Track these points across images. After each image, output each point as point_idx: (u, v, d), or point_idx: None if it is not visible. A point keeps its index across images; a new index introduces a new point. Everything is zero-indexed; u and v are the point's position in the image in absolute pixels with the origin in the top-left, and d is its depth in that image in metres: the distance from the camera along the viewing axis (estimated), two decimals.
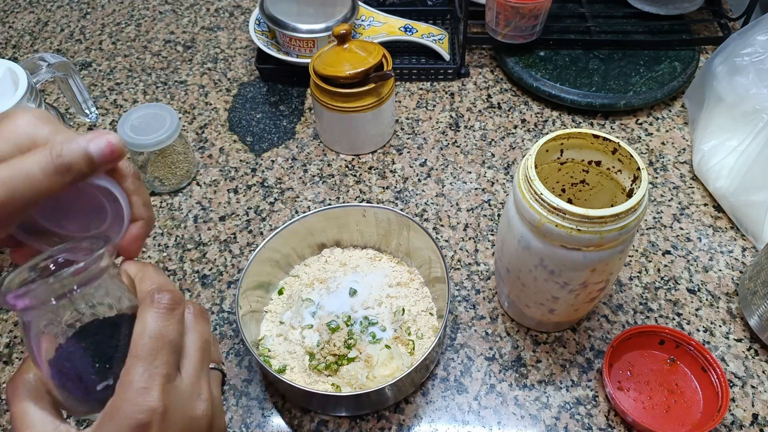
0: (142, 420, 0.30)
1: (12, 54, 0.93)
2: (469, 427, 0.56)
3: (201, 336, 0.35)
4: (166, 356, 0.31)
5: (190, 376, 0.33)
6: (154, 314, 0.32)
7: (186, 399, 0.32)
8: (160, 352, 0.31)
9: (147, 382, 0.30)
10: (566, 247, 0.47)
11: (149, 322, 0.32)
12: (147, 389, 0.30)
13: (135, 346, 0.31)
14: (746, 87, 0.67)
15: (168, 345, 0.32)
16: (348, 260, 0.65)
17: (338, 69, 0.70)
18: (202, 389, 0.34)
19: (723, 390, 0.54)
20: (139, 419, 0.30)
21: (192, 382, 0.33)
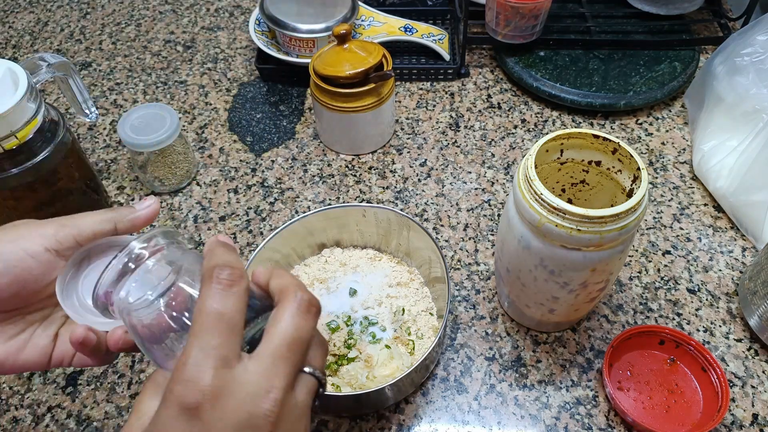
0: (190, 402, 0.28)
1: (12, 54, 0.93)
2: (469, 427, 0.56)
3: (294, 328, 0.31)
4: (223, 336, 0.29)
5: (262, 367, 0.29)
6: (210, 289, 0.30)
7: (248, 391, 0.29)
8: (215, 330, 0.29)
9: (199, 361, 0.28)
10: (566, 247, 0.47)
11: (205, 297, 0.30)
12: (199, 369, 0.28)
13: (193, 323, 0.29)
14: (746, 87, 0.67)
15: (225, 323, 0.29)
16: (348, 260, 0.65)
17: (338, 69, 0.70)
18: (273, 386, 0.29)
19: (723, 390, 0.54)
20: (187, 401, 0.28)
21: (261, 374, 0.29)
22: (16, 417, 0.57)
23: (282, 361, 0.30)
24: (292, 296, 0.32)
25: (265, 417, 0.29)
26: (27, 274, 0.36)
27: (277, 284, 0.33)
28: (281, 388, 0.29)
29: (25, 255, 0.35)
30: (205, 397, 0.28)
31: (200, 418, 0.28)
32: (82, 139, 0.81)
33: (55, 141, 0.60)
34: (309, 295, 0.32)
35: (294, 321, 0.31)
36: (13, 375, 0.60)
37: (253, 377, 0.29)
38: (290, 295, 0.32)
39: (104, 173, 0.77)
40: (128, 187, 0.75)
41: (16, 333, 0.38)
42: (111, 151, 0.79)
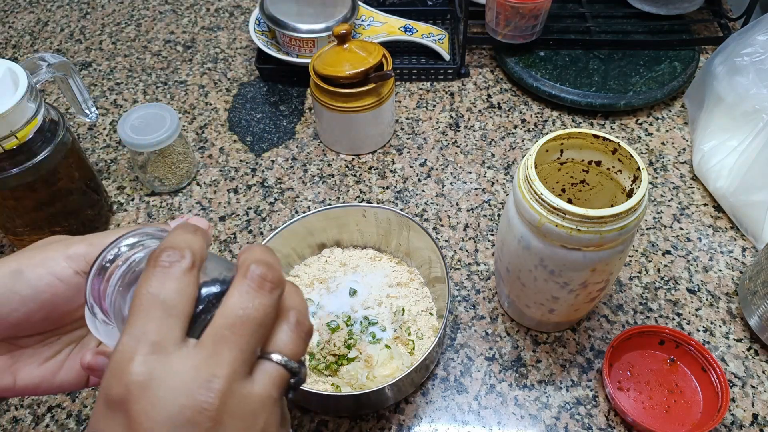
0: (115, 394, 0.25)
1: (12, 54, 0.93)
2: (469, 427, 0.56)
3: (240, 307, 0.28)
4: (156, 320, 0.26)
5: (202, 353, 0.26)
6: (147, 272, 0.27)
7: (183, 380, 0.25)
8: (148, 314, 0.26)
9: (128, 349, 0.25)
10: (566, 247, 0.47)
11: (141, 281, 0.27)
12: (126, 357, 0.25)
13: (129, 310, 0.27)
14: (746, 87, 0.67)
15: (159, 306, 0.26)
16: (348, 260, 0.65)
17: (338, 69, 0.70)
18: (214, 375, 0.26)
19: (723, 390, 0.54)
20: (112, 393, 0.25)
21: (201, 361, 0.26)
22: (16, 417, 0.57)
23: (225, 344, 0.26)
24: (243, 271, 0.28)
25: (202, 411, 0.25)
26: (57, 298, 0.34)
27: (241, 259, 0.29)
28: (224, 376, 0.25)
29: (53, 279, 0.34)
30: (131, 388, 0.24)
31: (126, 411, 0.24)
32: (82, 139, 0.81)
33: (55, 141, 0.60)
34: (265, 268, 0.28)
35: (241, 299, 0.27)
36: None
37: (191, 365, 0.25)
38: (242, 269, 0.28)
39: (104, 173, 0.77)
40: (128, 187, 0.75)
41: (52, 355, 0.37)
42: (111, 151, 0.79)
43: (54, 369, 0.37)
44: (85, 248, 0.34)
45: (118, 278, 0.31)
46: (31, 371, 0.36)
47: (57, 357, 0.37)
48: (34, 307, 0.34)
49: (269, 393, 0.27)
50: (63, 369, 0.37)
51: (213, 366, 0.25)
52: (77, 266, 0.34)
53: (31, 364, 0.36)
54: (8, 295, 0.33)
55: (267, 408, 0.27)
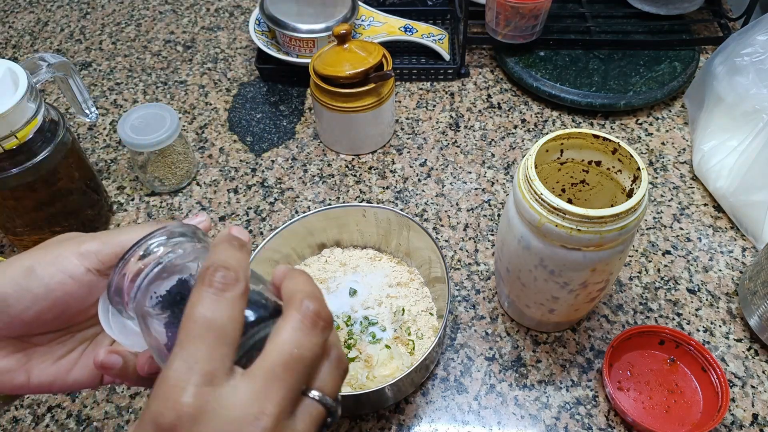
0: (165, 423, 0.25)
1: (12, 54, 0.93)
2: (469, 427, 0.56)
3: (295, 345, 0.27)
4: (210, 347, 0.26)
5: (252, 388, 0.26)
6: (201, 293, 0.27)
7: (233, 415, 0.25)
8: (202, 340, 0.26)
9: (181, 376, 0.25)
10: (566, 247, 0.47)
11: (194, 303, 0.27)
12: (179, 385, 0.25)
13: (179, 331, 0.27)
14: (746, 87, 0.67)
15: (214, 333, 0.26)
16: (348, 260, 0.65)
17: (338, 69, 0.70)
18: (263, 412, 0.26)
19: (723, 390, 0.54)
20: (162, 421, 0.25)
21: (251, 396, 0.26)
22: (16, 417, 0.57)
23: (276, 382, 0.26)
24: (297, 305, 0.28)
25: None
26: (69, 296, 0.34)
27: (288, 288, 0.29)
28: (273, 415, 0.25)
29: (65, 277, 0.33)
30: (183, 419, 0.24)
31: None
32: (82, 139, 0.81)
33: (55, 141, 0.60)
34: (318, 305, 0.28)
35: (295, 336, 0.27)
36: None
37: (241, 399, 0.25)
38: (295, 303, 0.28)
39: (104, 173, 0.77)
40: (128, 187, 0.75)
41: (65, 353, 0.37)
42: (111, 151, 0.79)
43: (68, 367, 0.37)
44: (97, 246, 0.34)
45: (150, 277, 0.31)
46: (44, 369, 0.36)
47: (70, 355, 0.37)
48: (46, 305, 0.34)
49: (309, 431, 0.27)
50: (76, 367, 0.37)
51: (263, 402, 0.26)
52: (89, 264, 0.34)
53: (45, 362, 0.36)
54: (21, 293, 0.33)
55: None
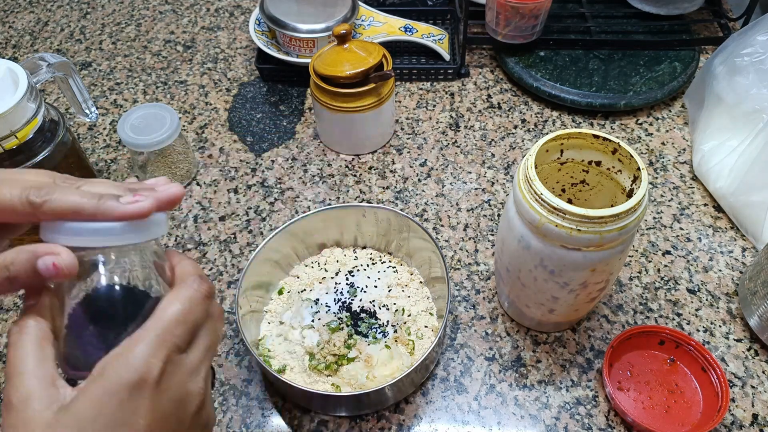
0: (135, 377, 0.30)
1: (12, 54, 0.93)
2: (469, 427, 0.56)
3: (215, 330, 0.36)
4: (183, 332, 0.33)
5: (197, 356, 0.34)
6: (189, 293, 0.34)
7: (185, 374, 0.33)
8: (180, 326, 0.33)
9: (158, 344, 0.31)
10: (566, 247, 0.47)
11: (182, 296, 0.33)
12: (155, 350, 0.31)
13: (162, 314, 0.33)
14: (746, 87, 0.67)
15: (190, 324, 0.33)
16: (348, 260, 0.65)
17: (338, 69, 0.70)
18: (202, 372, 0.34)
19: (723, 390, 0.54)
20: (134, 376, 0.30)
21: (195, 361, 0.34)
22: None
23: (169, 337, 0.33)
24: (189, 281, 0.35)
25: (197, 395, 0.34)
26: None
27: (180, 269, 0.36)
28: (208, 375, 0.35)
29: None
30: (151, 376, 0.31)
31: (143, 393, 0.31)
32: (82, 139, 0.81)
33: (55, 141, 0.60)
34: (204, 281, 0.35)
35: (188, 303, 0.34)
36: None
37: (190, 363, 0.33)
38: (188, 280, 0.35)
39: (104, 173, 0.77)
40: None
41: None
42: (111, 151, 0.79)
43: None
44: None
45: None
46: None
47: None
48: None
49: (210, 387, 0.36)
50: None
51: (199, 367, 0.34)
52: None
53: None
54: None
55: (210, 396, 0.36)
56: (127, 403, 0.30)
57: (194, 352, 0.34)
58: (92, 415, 0.30)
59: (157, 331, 0.32)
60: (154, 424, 0.31)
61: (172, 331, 0.32)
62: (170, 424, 0.32)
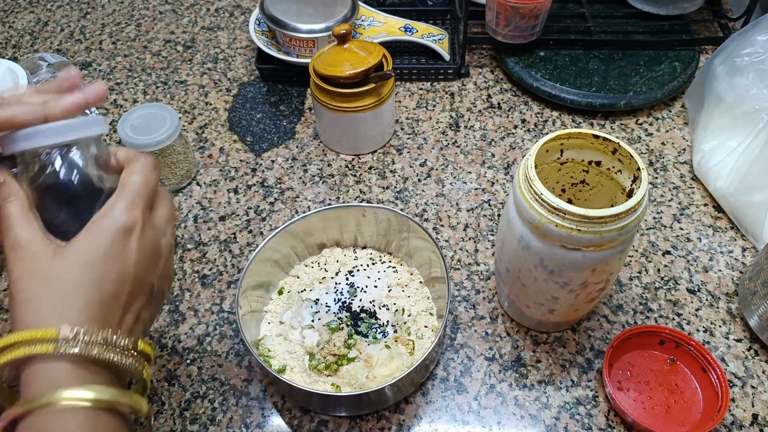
0: (127, 222, 0.38)
1: (12, 54, 0.93)
2: (469, 427, 0.56)
3: (168, 200, 0.43)
4: (147, 194, 0.40)
5: (162, 217, 0.42)
6: (142, 165, 0.40)
7: (157, 230, 0.41)
8: (144, 189, 0.40)
9: (133, 203, 0.39)
10: (566, 247, 0.47)
11: (138, 169, 0.40)
12: (133, 206, 0.39)
13: (126, 182, 0.39)
14: (746, 87, 0.67)
15: (150, 187, 0.40)
16: (348, 260, 0.65)
17: (338, 69, 0.70)
18: (167, 231, 0.42)
19: (723, 390, 0.54)
20: (125, 222, 0.38)
21: (161, 221, 0.41)
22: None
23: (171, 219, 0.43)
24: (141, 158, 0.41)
25: (165, 247, 0.42)
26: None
27: (129, 154, 0.42)
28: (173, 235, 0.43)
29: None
30: (137, 222, 0.38)
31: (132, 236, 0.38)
32: None
33: None
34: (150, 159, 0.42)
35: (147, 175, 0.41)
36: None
37: (158, 222, 0.41)
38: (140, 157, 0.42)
39: None
40: None
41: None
42: None
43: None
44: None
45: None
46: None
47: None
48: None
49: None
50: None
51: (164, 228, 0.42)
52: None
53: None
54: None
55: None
56: (120, 242, 0.38)
57: (159, 214, 0.42)
58: (92, 248, 0.37)
59: (129, 194, 0.39)
60: (140, 261, 0.39)
61: (139, 193, 0.39)
62: (149, 266, 0.40)
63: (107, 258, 0.37)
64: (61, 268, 0.36)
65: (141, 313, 0.40)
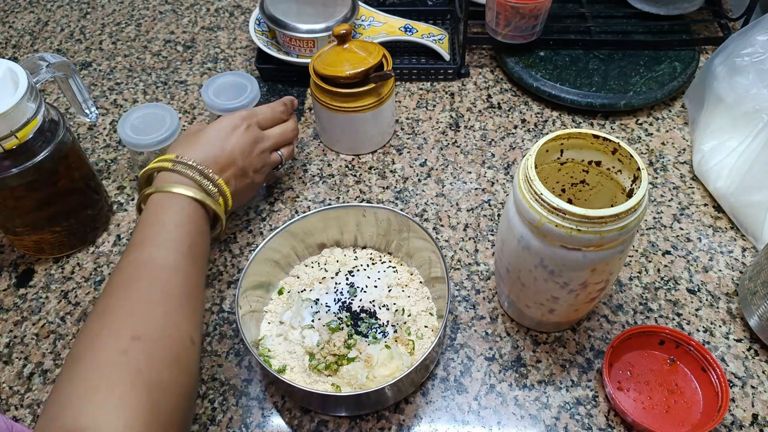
0: (236, 123, 0.62)
1: (12, 54, 0.93)
2: (469, 427, 0.56)
3: (289, 133, 0.70)
4: (263, 118, 0.66)
5: (270, 136, 0.67)
6: (276, 106, 0.68)
7: (259, 137, 0.64)
8: (262, 115, 0.66)
9: (249, 115, 0.65)
10: (566, 247, 0.47)
11: (273, 106, 0.68)
12: (248, 117, 0.64)
13: (260, 106, 0.68)
14: (746, 87, 0.67)
15: (270, 116, 0.67)
16: (348, 260, 0.65)
17: (338, 69, 0.70)
18: (267, 149, 0.66)
19: (723, 390, 0.54)
20: (234, 122, 0.62)
21: (267, 141, 0.66)
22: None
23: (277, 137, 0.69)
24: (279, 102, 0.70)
25: (261, 162, 0.66)
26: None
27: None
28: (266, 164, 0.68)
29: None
30: (248, 118, 0.64)
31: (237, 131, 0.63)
32: (82, 139, 0.81)
33: (55, 141, 0.60)
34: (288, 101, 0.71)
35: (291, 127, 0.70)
36: (12, 375, 0.60)
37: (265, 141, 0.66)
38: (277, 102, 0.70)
39: (104, 173, 0.77)
40: (128, 187, 0.75)
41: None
42: (111, 151, 0.79)
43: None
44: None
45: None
46: None
47: None
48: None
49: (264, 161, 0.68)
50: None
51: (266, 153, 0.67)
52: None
53: None
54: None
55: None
56: (227, 132, 0.61)
57: (271, 131, 0.67)
58: (212, 129, 0.61)
59: (252, 111, 0.65)
60: (236, 146, 0.61)
61: (257, 112, 0.66)
62: (242, 151, 0.61)
63: (218, 136, 0.60)
64: (193, 133, 0.61)
65: (229, 180, 0.59)
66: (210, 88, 0.73)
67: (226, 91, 0.72)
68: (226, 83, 0.73)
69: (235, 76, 0.74)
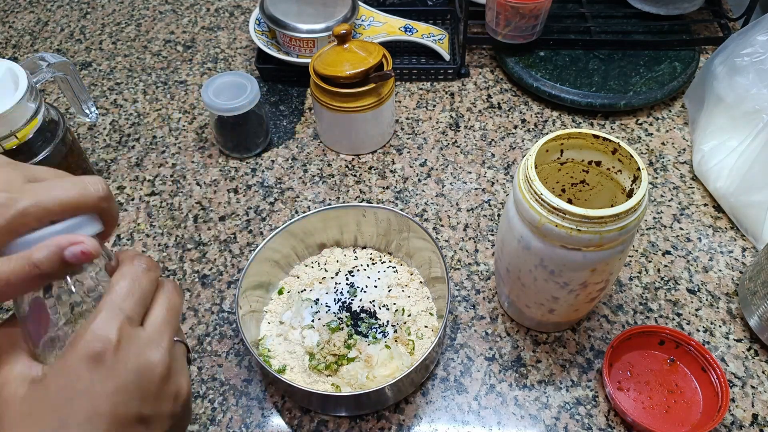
0: (95, 349, 0.32)
1: (12, 54, 0.93)
2: (469, 427, 0.56)
3: (171, 302, 0.37)
4: (132, 303, 0.34)
5: (153, 327, 0.35)
6: (130, 268, 0.35)
7: (143, 345, 0.34)
8: (128, 298, 0.34)
9: (109, 318, 0.33)
10: (566, 247, 0.47)
11: (125, 273, 0.35)
12: (106, 323, 0.33)
13: (110, 291, 0.34)
14: (746, 87, 0.67)
15: (137, 294, 0.35)
16: (348, 260, 0.65)
17: (338, 69, 0.70)
18: (163, 342, 0.35)
19: (723, 390, 0.54)
20: (93, 348, 0.32)
21: (153, 332, 0.35)
22: None
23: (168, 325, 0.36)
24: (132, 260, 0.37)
25: (158, 365, 0.34)
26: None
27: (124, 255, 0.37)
28: (170, 346, 0.35)
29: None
30: (109, 345, 0.32)
31: (104, 364, 0.32)
32: (82, 139, 0.81)
33: (55, 141, 0.60)
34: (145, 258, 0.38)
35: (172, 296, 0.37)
36: None
37: (147, 335, 0.35)
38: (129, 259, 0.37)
39: (104, 173, 0.77)
40: (128, 187, 0.75)
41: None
42: (111, 151, 0.79)
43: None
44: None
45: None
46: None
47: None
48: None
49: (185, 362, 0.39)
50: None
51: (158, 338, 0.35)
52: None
53: None
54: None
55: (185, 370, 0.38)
56: (89, 373, 0.32)
57: (150, 324, 0.35)
58: (60, 386, 0.32)
59: (108, 306, 0.34)
60: (116, 393, 0.32)
61: (120, 305, 0.34)
62: (133, 394, 0.33)
63: (72, 399, 0.32)
64: (26, 412, 0.32)
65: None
66: (210, 88, 0.73)
67: (226, 91, 0.73)
68: (226, 83, 0.73)
69: (235, 76, 0.74)
